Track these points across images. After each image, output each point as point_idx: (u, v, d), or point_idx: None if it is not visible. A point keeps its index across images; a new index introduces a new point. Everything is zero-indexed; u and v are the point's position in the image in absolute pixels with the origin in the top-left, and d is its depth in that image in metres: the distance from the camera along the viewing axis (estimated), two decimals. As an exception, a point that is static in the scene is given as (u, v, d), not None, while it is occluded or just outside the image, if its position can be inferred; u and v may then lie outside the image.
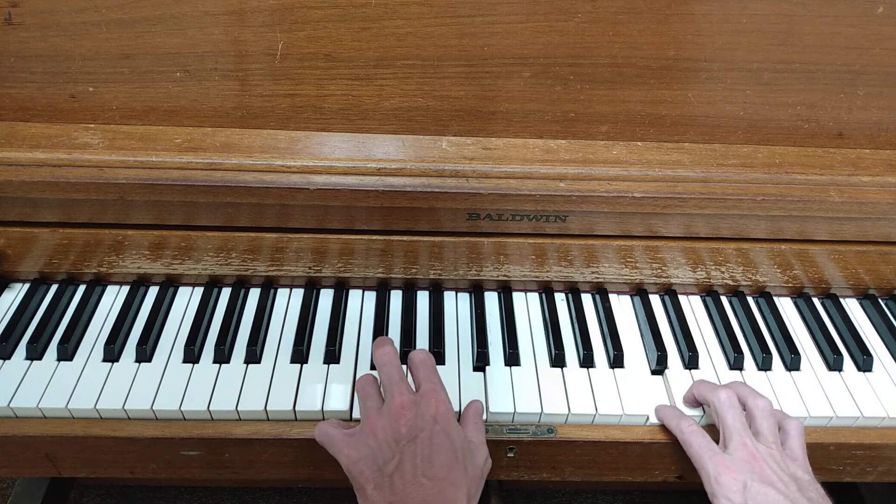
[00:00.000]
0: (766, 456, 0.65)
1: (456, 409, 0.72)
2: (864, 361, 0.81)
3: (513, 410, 0.73)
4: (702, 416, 0.74)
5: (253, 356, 0.77)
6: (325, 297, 0.86)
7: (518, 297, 0.87)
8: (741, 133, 0.82)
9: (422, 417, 0.64)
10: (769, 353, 0.81)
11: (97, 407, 0.71)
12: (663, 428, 0.73)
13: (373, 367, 0.76)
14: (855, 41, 0.77)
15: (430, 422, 0.64)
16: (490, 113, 0.79)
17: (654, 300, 0.88)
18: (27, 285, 0.84)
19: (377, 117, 0.79)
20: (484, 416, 0.73)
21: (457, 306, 0.86)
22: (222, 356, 0.77)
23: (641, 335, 0.84)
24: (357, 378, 0.73)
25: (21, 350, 0.77)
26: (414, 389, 0.69)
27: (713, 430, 0.71)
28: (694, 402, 0.74)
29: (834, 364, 0.81)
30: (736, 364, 0.80)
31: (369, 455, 0.63)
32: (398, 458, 0.62)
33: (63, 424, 0.71)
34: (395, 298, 0.86)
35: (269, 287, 0.86)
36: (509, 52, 0.76)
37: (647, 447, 0.73)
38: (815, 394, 0.77)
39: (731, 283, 0.88)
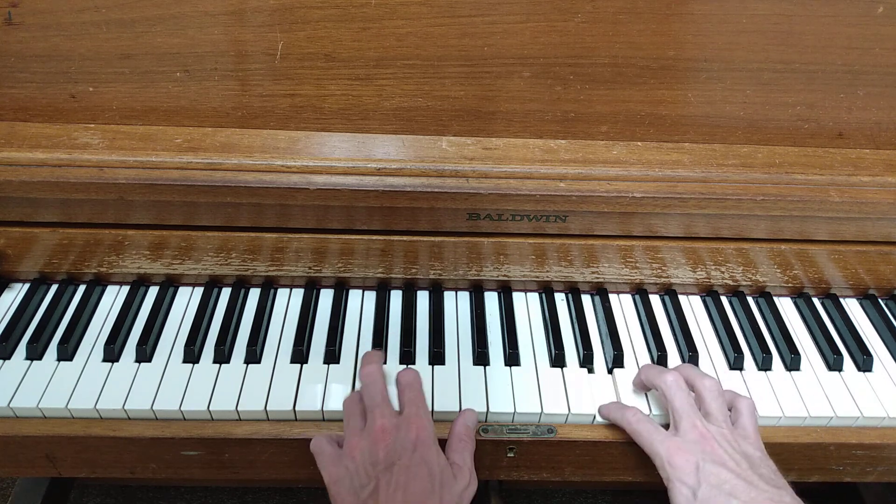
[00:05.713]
0: (716, 436, 0.65)
1: (455, 409, 0.72)
2: (864, 361, 0.81)
3: (513, 410, 0.73)
4: (650, 414, 0.73)
5: (253, 356, 0.77)
6: (325, 297, 0.86)
7: (518, 297, 0.87)
8: (741, 133, 0.82)
9: (401, 442, 0.64)
10: (769, 353, 0.81)
11: (97, 407, 0.71)
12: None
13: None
14: (855, 41, 0.77)
15: (409, 448, 0.64)
16: (490, 113, 0.79)
17: (654, 300, 0.88)
18: (27, 285, 0.84)
19: (377, 117, 0.79)
20: (484, 417, 0.73)
21: (457, 306, 0.86)
22: (222, 356, 0.77)
23: (642, 335, 0.84)
24: (346, 397, 0.72)
25: (21, 350, 0.77)
26: (398, 409, 0.69)
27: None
28: (643, 386, 0.74)
29: (834, 364, 0.81)
30: (736, 364, 0.80)
31: (346, 477, 0.64)
32: (374, 483, 0.62)
33: (63, 424, 0.71)
34: (395, 298, 0.86)
35: (269, 287, 0.86)
36: (509, 52, 0.76)
37: (647, 447, 0.73)
38: (815, 394, 0.77)
39: (731, 283, 0.88)
